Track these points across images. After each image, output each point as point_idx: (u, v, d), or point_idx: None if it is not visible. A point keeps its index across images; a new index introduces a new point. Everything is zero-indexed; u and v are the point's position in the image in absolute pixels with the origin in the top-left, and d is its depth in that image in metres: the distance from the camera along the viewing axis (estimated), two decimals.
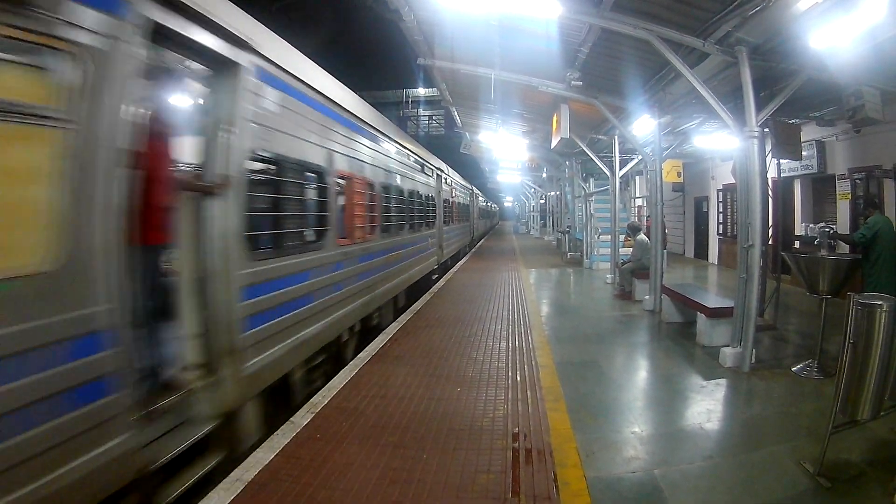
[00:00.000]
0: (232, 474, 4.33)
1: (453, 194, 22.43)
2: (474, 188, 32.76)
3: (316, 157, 6.75)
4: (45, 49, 2.92)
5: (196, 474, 4.29)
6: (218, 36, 4.53)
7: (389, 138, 11.04)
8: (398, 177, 11.71)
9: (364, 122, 9.00)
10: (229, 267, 4.75)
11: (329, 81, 7.53)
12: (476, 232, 35.28)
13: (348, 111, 8.12)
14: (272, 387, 5.61)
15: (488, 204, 58.03)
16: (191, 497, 4.12)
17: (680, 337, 9.02)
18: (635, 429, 5.38)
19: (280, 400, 6.02)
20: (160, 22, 3.76)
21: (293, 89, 6.12)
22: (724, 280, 15.54)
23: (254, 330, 5.09)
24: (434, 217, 16.88)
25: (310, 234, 6.66)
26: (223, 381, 4.69)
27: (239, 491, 4.07)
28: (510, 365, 7.40)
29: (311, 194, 6.75)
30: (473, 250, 29.14)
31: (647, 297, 11.60)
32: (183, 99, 5.57)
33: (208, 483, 4.29)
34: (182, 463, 4.19)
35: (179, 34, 4.04)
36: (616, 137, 14.62)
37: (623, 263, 13.67)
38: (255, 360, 5.11)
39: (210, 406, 4.61)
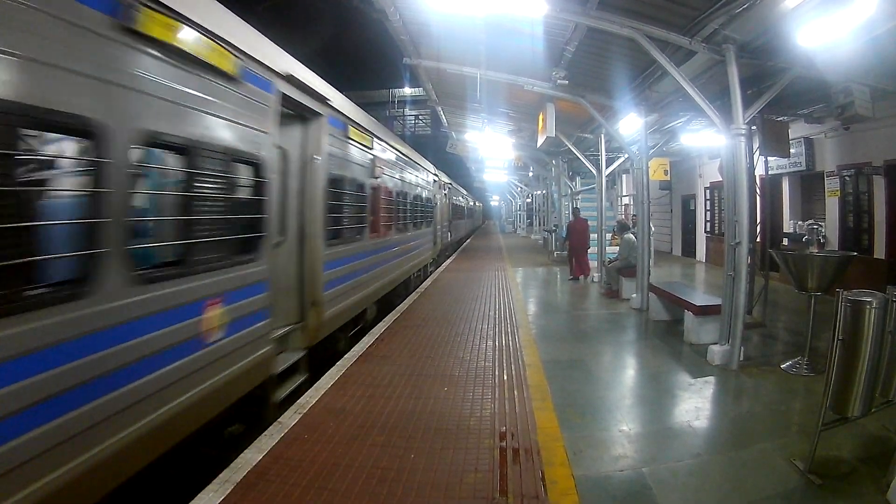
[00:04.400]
0: (221, 475, 4.28)
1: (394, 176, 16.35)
2: (440, 175, 21.91)
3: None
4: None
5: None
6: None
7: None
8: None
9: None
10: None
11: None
12: (448, 237, 25.85)
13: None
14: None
15: (470, 202, 47.64)
16: (183, 497, 4.07)
17: (667, 335, 9.01)
18: (623, 427, 5.35)
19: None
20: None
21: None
22: (711, 278, 15.60)
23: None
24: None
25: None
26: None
27: (228, 492, 4.02)
28: (497, 364, 7.36)
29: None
30: (446, 263, 21.89)
31: (634, 295, 11.62)
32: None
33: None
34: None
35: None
36: (602, 136, 14.61)
37: (610, 262, 13.69)
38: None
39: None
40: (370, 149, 9.84)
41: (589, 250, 16.48)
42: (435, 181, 19.97)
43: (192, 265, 4.20)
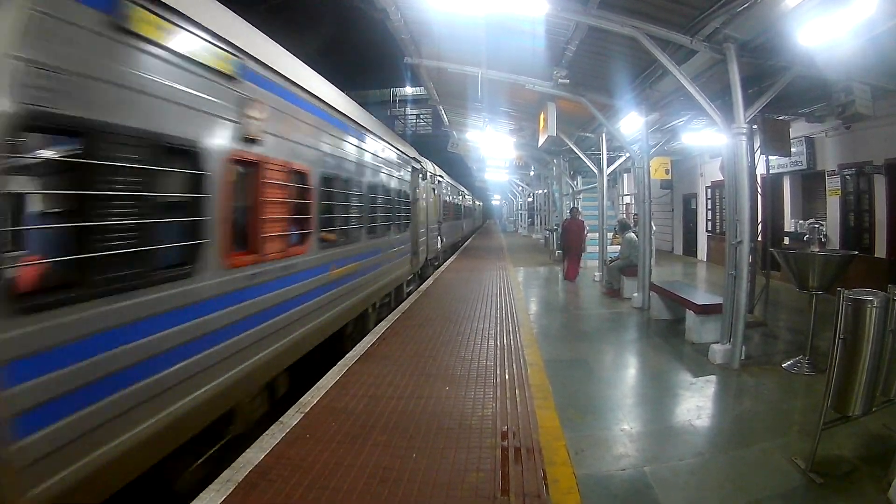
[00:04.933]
0: (223, 475, 4.29)
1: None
2: (424, 163, 17.15)
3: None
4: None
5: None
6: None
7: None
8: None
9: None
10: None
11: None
12: (438, 242, 21.03)
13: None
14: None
15: (468, 199, 41.24)
16: (183, 496, 4.09)
17: (669, 334, 9.02)
18: (624, 426, 5.36)
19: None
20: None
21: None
22: (713, 277, 15.57)
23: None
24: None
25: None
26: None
27: (230, 491, 4.03)
28: (499, 363, 7.36)
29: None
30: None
31: (635, 294, 11.61)
32: None
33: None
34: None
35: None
36: (603, 135, 14.60)
37: (611, 261, 13.68)
38: None
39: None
40: (231, 80, 4.82)
41: (582, 252, 16.42)
42: (415, 170, 14.85)
43: None
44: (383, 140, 11.16)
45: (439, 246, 21.22)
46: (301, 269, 6.36)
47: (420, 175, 15.93)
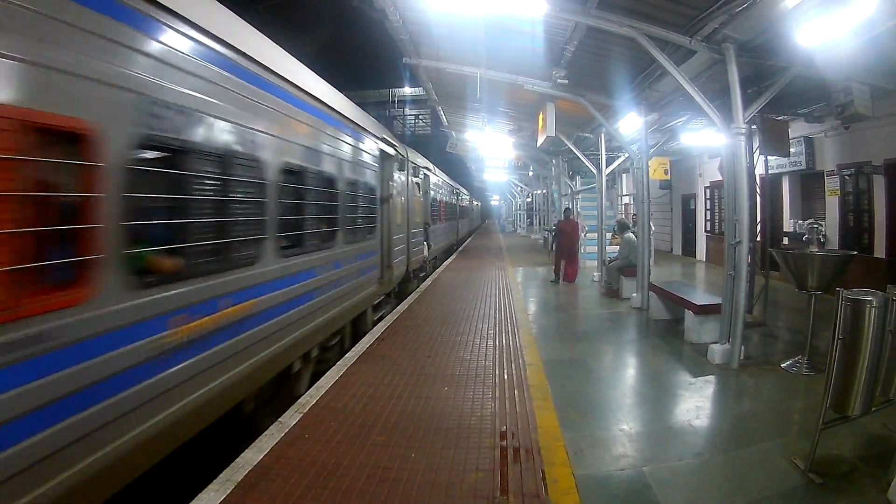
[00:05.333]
0: (222, 475, 4.28)
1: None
2: (402, 150, 13.88)
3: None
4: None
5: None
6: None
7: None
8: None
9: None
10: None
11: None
12: (425, 249, 17.80)
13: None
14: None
15: (464, 198, 38.31)
16: (183, 496, 4.07)
17: (668, 334, 9.02)
18: (624, 426, 5.35)
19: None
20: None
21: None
22: (712, 277, 15.58)
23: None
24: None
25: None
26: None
27: (229, 491, 4.02)
28: (498, 363, 7.36)
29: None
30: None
31: (634, 294, 11.61)
32: None
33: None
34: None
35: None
36: (602, 135, 14.59)
37: (610, 261, 13.68)
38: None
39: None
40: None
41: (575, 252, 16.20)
42: (387, 157, 11.22)
43: None
44: (315, 101, 7.15)
45: (426, 253, 17.80)
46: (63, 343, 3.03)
47: (396, 164, 12.31)
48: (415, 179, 15.59)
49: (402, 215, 13.40)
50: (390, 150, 11.72)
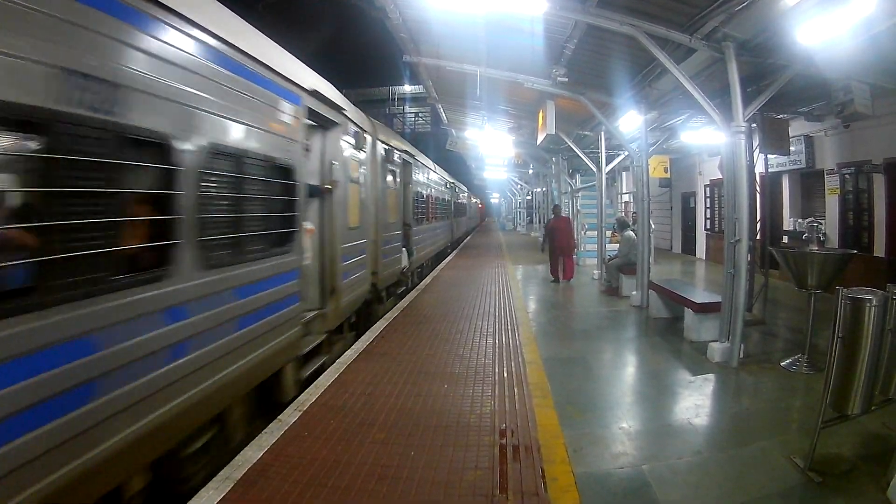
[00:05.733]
0: (222, 472, 4.29)
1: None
2: (392, 141, 12.65)
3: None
4: None
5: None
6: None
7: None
8: None
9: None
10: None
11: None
12: (404, 260, 13.86)
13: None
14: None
15: (461, 195, 35.54)
16: (182, 496, 4.07)
17: (667, 332, 9.02)
18: (623, 424, 5.36)
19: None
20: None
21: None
22: (711, 275, 15.58)
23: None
24: None
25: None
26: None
27: (229, 489, 4.02)
28: (497, 361, 7.36)
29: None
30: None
31: (634, 292, 11.61)
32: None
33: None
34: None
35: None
36: (602, 133, 14.58)
37: (610, 259, 13.68)
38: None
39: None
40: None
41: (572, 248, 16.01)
42: (325, 122, 7.68)
43: None
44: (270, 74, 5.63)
45: (406, 263, 13.69)
46: None
47: (348, 140, 8.53)
48: (389, 166, 11.92)
49: (363, 213, 9.41)
50: (333, 117, 7.70)
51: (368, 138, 10.09)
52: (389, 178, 12.05)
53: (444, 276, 16.60)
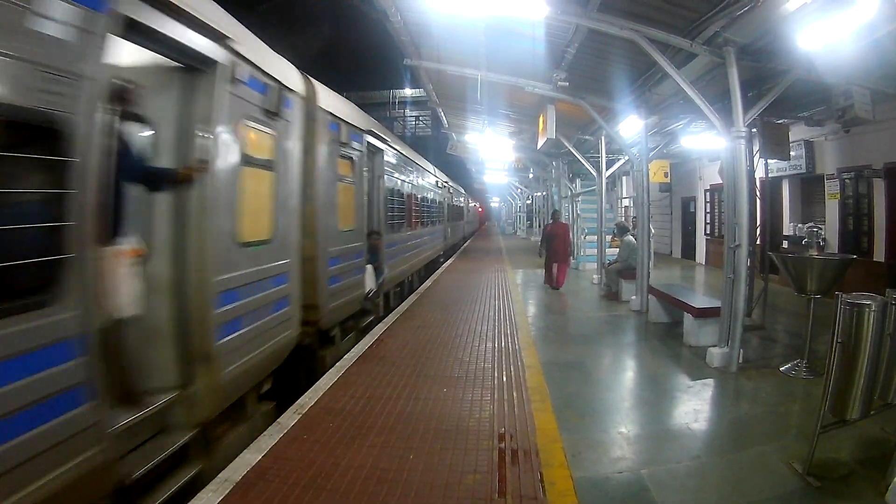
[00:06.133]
0: (220, 475, 4.28)
1: None
2: (328, 108, 7.79)
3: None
4: None
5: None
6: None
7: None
8: None
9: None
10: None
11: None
12: (362, 290, 9.67)
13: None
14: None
15: (457, 197, 33.39)
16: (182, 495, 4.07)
17: (667, 337, 9.01)
18: (622, 429, 5.35)
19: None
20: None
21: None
22: (711, 280, 15.58)
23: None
24: None
25: None
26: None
27: (227, 491, 4.02)
28: (496, 365, 7.35)
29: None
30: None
31: (633, 297, 11.61)
32: None
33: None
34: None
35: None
36: (603, 138, 14.57)
37: (610, 264, 13.67)
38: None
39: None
40: None
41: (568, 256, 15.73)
42: (220, 76, 4.74)
43: None
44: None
45: (372, 285, 10.24)
46: None
47: (244, 88, 5.28)
48: (343, 150, 8.59)
49: (278, 217, 6.21)
50: (204, 49, 4.54)
51: (295, 100, 6.77)
52: (344, 167, 8.75)
53: (444, 280, 16.60)
